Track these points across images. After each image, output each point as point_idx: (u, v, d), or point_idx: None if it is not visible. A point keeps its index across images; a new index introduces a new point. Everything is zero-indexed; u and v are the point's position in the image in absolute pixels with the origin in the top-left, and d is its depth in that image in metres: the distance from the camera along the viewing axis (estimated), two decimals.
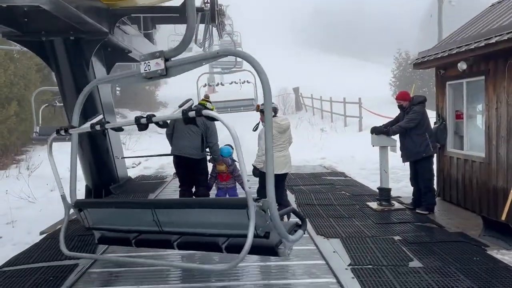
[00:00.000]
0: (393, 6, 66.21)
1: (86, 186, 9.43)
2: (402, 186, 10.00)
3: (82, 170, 9.46)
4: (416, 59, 8.45)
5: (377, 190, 7.57)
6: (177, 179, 6.96)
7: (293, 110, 29.86)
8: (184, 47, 3.68)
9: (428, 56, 7.83)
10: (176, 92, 28.72)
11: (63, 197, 4.28)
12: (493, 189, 6.46)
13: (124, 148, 19.33)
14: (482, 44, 6.13)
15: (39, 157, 16.03)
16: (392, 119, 7.63)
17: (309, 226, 6.10)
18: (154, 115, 3.70)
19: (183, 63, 3.62)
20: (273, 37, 65.41)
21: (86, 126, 4.24)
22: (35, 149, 18.69)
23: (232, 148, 6.75)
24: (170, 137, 6.66)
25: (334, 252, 5.03)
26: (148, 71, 3.62)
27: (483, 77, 6.69)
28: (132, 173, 13.61)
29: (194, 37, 10.37)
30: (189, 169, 6.55)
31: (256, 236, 3.35)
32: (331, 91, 26.07)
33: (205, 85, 17.45)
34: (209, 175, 6.88)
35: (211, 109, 6.07)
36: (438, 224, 6.33)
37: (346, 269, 4.48)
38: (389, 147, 7.29)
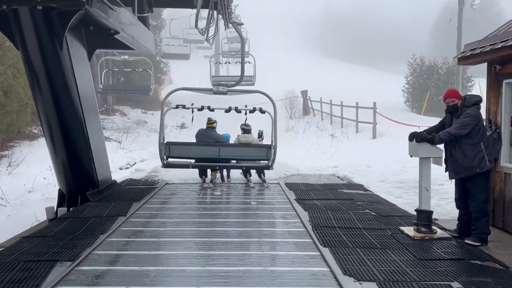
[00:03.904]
0: (402, 12, 65.24)
1: (59, 190, 7.91)
2: (433, 205, 8.45)
3: (55, 171, 7.97)
4: (462, 52, 6.95)
5: (407, 209, 6.09)
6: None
7: (300, 114, 28.31)
8: (237, 84, 9.12)
9: (481, 47, 6.32)
10: (180, 91, 27.34)
11: (164, 138, 8.91)
12: None
13: (119, 147, 17.91)
14: None
15: (21, 154, 14.56)
16: (435, 124, 6.13)
17: (332, 261, 4.59)
18: None
19: (235, 90, 9.02)
20: (284, 40, 64.25)
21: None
22: (21, 144, 17.24)
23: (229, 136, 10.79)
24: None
25: None
26: (217, 90, 8.57)
27: None
28: (122, 175, 12.11)
29: (195, 22, 8.92)
30: None
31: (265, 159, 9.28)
32: (340, 96, 24.58)
33: (216, 63, 22.56)
34: None
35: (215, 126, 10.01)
36: (501, 263, 4.81)
37: None
38: (431, 159, 5.79)
